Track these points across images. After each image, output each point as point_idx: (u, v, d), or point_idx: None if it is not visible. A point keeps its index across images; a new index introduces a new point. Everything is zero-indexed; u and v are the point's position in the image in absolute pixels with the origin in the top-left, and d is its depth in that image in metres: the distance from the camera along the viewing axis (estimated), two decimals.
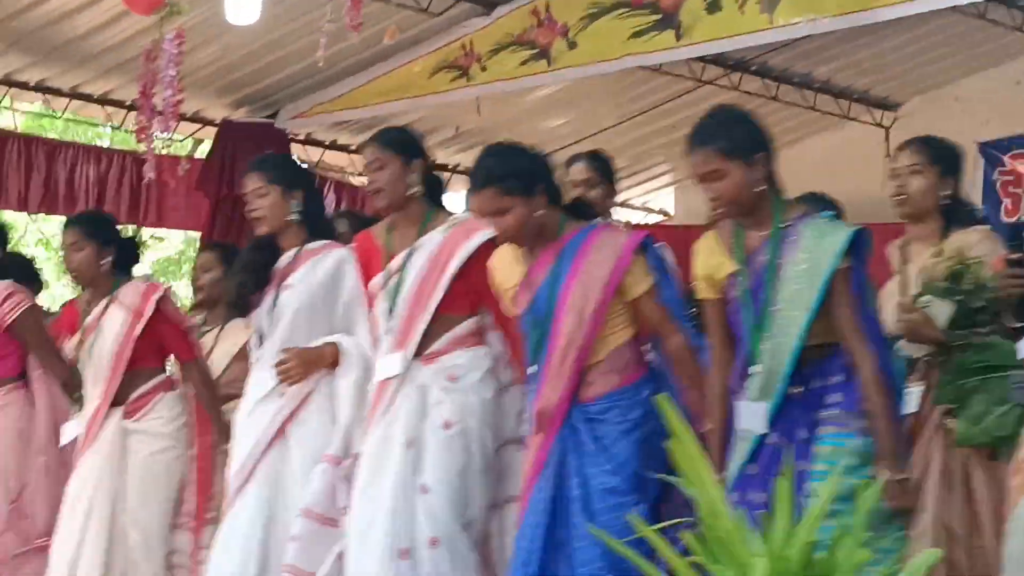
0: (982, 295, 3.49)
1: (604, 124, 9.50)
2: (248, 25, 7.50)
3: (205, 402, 4.91)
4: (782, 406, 3.40)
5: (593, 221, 3.91)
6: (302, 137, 9.42)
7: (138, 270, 5.32)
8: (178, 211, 8.94)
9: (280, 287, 4.40)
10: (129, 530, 4.74)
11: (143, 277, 5.06)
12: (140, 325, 4.84)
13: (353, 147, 9.78)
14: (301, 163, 4.74)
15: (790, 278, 3.40)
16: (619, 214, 9.91)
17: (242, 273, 4.56)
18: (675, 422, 2.11)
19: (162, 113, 6.55)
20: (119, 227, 5.45)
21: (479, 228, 4.15)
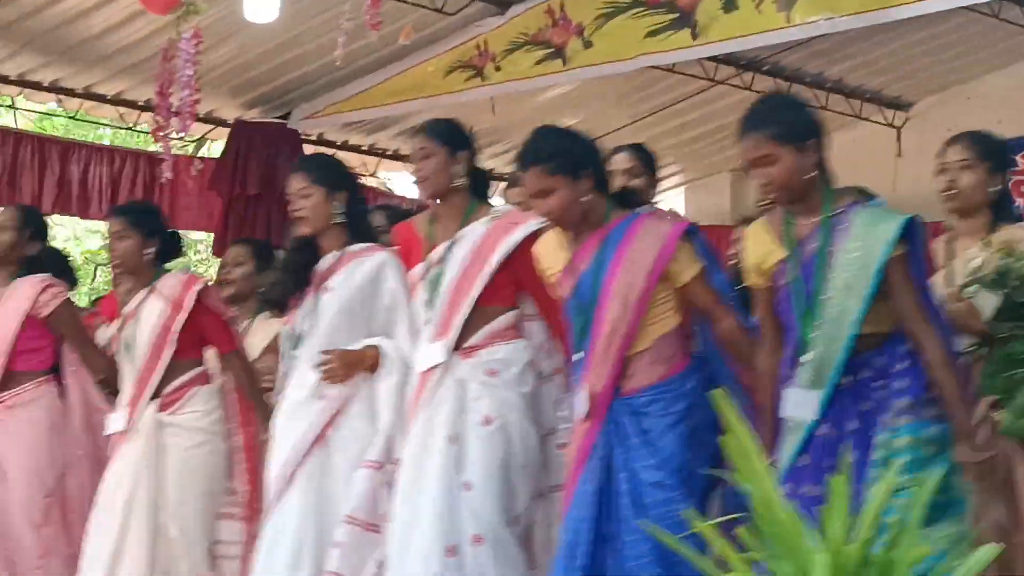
0: None
1: (616, 124, 9.47)
2: (261, 25, 7.49)
3: (248, 392, 4.88)
4: (832, 397, 3.38)
5: (638, 209, 3.89)
6: (314, 137, 9.40)
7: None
8: (191, 211, 8.93)
9: (320, 289, 4.38)
10: (169, 525, 4.71)
11: (183, 269, 5.02)
12: (181, 317, 4.82)
13: (365, 147, 9.78)
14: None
15: (841, 266, 3.37)
16: None
17: (281, 273, 4.55)
18: (729, 415, 2.10)
19: (179, 113, 6.54)
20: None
21: (522, 221, 4.15)
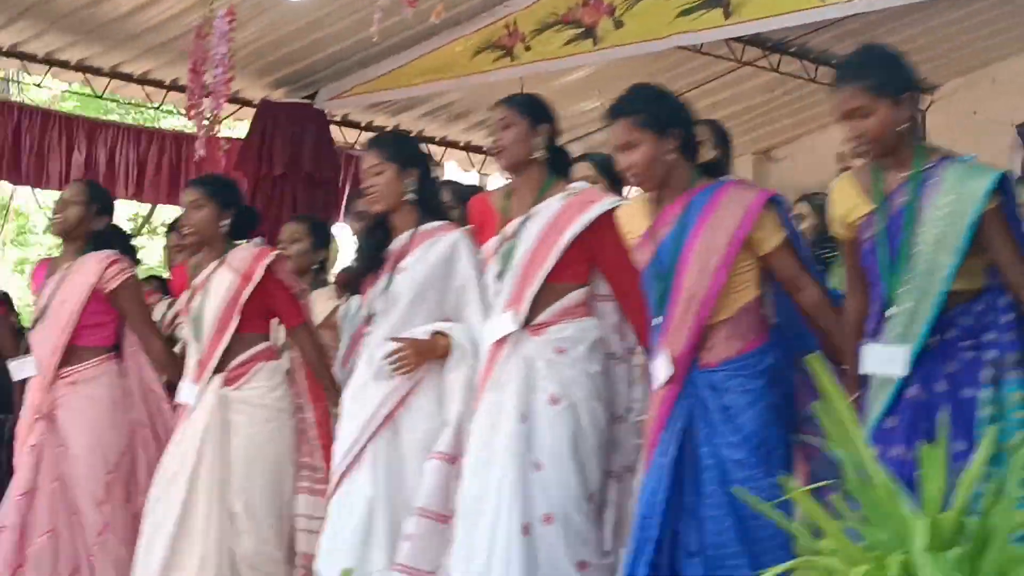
0: None
1: None
2: (288, 5, 7.49)
3: (315, 368, 4.86)
4: (919, 356, 3.35)
5: (723, 177, 3.87)
6: (338, 118, 9.38)
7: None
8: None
9: (395, 269, 4.37)
10: (234, 501, 4.70)
11: (255, 242, 5.01)
12: (248, 289, 4.80)
13: (389, 129, 9.75)
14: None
15: (932, 220, 3.35)
16: None
17: (355, 253, 4.55)
18: (824, 381, 2.09)
19: (211, 93, 6.55)
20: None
21: (598, 199, 4.14)
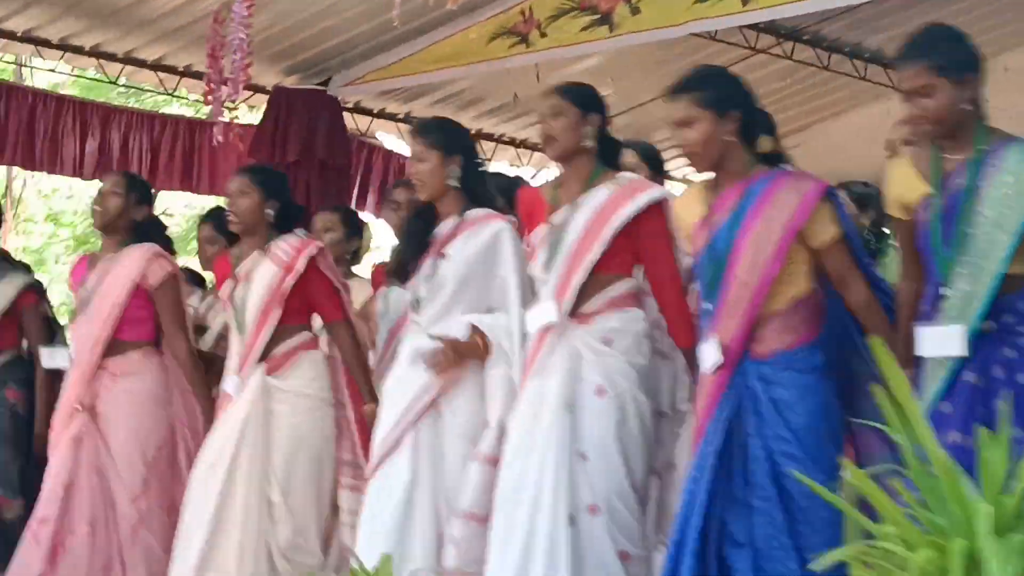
0: None
1: (654, 93, 9.39)
2: None
3: (351, 365, 4.86)
4: (974, 341, 3.33)
5: (783, 166, 3.86)
6: (351, 105, 9.35)
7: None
8: (229, 179, 8.87)
9: (439, 255, 4.38)
10: (272, 490, 4.70)
11: (298, 233, 5.02)
12: (291, 280, 4.82)
13: (401, 116, 9.73)
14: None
15: (992, 201, 3.34)
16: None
17: (402, 241, 4.54)
18: (886, 364, 2.08)
19: (228, 80, 6.52)
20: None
21: (644, 188, 4.14)
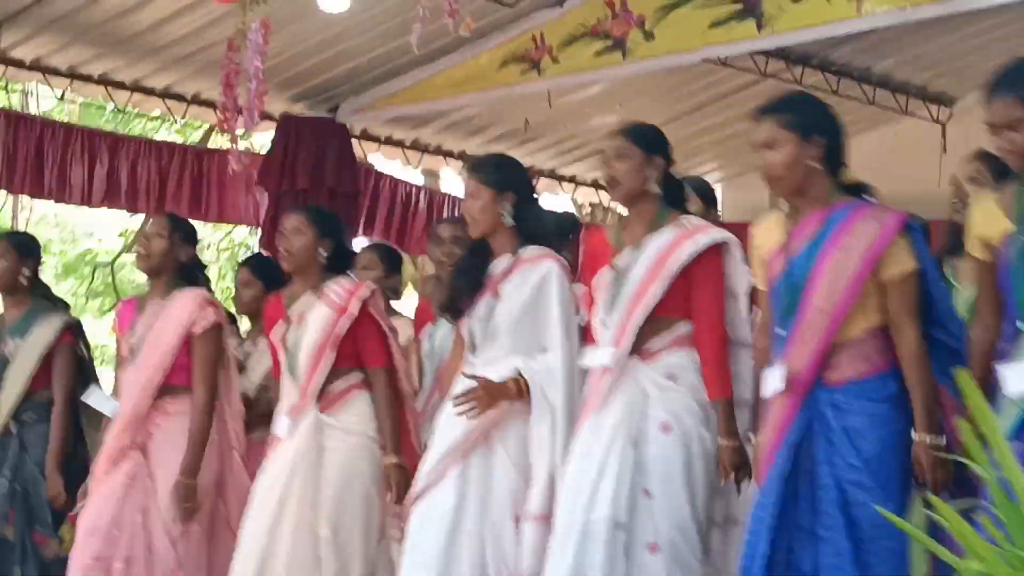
0: None
1: (662, 117, 9.37)
2: (313, 19, 7.42)
3: (382, 413, 4.77)
4: None
5: (866, 196, 3.85)
6: (357, 131, 9.31)
7: None
8: (238, 207, 8.86)
9: (494, 296, 4.36)
10: (321, 525, 4.64)
11: (350, 277, 5.00)
12: (344, 323, 4.79)
13: (408, 143, 9.69)
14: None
15: None
16: None
17: (456, 279, 4.53)
18: (972, 399, 2.03)
19: (241, 110, 6.46)
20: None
21: (707, 232, 4.12)
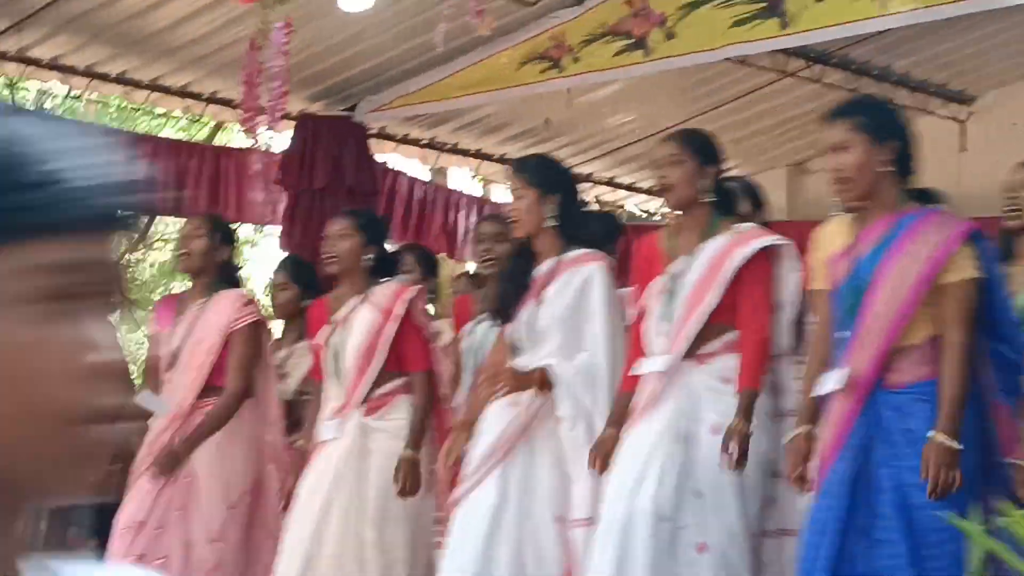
0: None
1: (681, 116, 9.34)
2: (332, 18, 7.39)
3: (417, 415, 4.75)
4: None
5: (933, 205, 3.85)
6: (375, 130, 9.27)
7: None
8: (256, 205, 8.83)
9: (538, 299, 4.34)
10: (366, 527, 4.63)
11: (396, 280, 5.00)
12: (392, 325, 4.78)
13: (424, 141, 9.65)
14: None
15: None
16: None
17: (503, 282, 4.52)
18: None
19: (265, 110, 6.46)
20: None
21: (760, 237, 4.11)
